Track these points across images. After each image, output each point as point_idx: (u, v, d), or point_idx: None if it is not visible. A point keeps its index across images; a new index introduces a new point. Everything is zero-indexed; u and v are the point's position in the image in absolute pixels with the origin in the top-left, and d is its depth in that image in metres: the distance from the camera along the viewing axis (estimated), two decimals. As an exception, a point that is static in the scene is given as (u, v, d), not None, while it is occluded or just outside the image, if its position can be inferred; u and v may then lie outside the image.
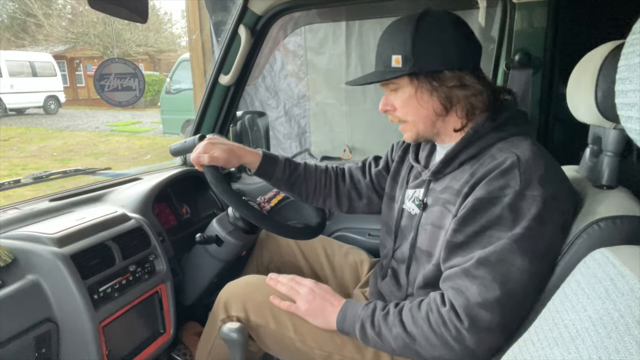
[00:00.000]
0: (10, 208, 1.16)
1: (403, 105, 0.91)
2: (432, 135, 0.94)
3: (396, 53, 0.87)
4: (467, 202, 0.80)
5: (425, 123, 0.91)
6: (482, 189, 0.78)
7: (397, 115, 0.93)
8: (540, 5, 1.47)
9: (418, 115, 0.90)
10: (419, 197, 0.96)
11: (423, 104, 0.89)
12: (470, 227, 0.79)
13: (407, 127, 0.94)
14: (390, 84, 0.91)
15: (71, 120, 11.07)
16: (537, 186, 0.75)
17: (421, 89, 0.88)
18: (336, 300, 0.96)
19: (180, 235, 1.40)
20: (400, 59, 0.87)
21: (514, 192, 0.75)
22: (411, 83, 0.88)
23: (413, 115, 0.91)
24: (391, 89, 0.92)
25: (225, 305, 1.07)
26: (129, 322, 1.06)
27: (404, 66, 0.86)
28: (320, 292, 0.98)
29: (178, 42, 18.32)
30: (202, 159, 1.04)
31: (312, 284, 1.00)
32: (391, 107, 0.93)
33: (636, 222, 0.69)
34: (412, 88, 0.88)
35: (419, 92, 0.88)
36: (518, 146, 0.81)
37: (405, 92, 0.89)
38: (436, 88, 0.86)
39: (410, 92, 0.89)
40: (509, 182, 0.76)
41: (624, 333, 0.43)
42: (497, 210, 0.76)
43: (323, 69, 3.97)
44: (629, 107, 0.43)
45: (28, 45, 14.99)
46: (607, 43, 0.77)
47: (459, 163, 0.88)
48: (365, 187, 1.19)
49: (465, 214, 0.79)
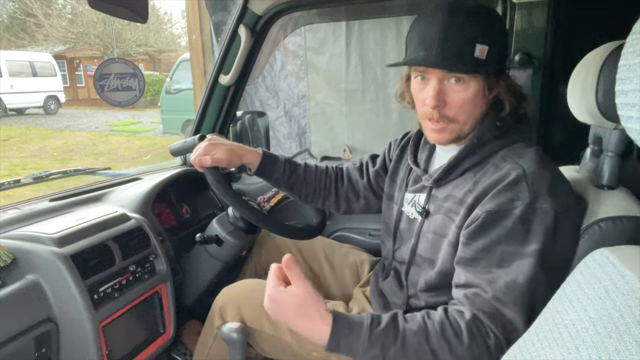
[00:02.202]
0: (10, 208, 1.16)
1: (464, 102, 0.80)
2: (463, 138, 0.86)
3: (483, 42, 0.76)
4: (476, 215, 0.77)
5: (471, 125, 0.83)
6: (490, 202, 0.76)
7: (446, 112, 0.81)
8: (540, 5, 1.46)
9: (472, 116, 0.82)
10: (420, 203, 0.94)
11: (480, 103, 0.82)
12: (480, 241, 0.76)
13: (451, 128, 0.83)
14: (455, 75, 0.79)
15: (71, 120, 11.06)
16: (547, 198, 0.73)
17: (488, 87, 0.81)
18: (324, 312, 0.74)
19: (180, 235, 1.40)
20: (486, 51, 0.76)
21: (524, 205, 0.73)
22: (485, 81, 0.80)
23: (467, 116, 0.82)
24: (453, 81, 0.79)
25: (221, 311, 1.07)
26: (129, 322, 1.06)
27: (487, 59, 0.77)
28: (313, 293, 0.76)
29: (178, 42, 18.34)
30: (204, 160, 1.02)
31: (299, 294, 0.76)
32: (443, 102, 0.81)
33: (636, 222, 0.69)
34: (482, 86, 0.80)
35: (484, 91, 0.80)
36: (522, 156, 0.79)
37: (472, 89, 0.79)
38: (499, 89, 0.81)
39: (478, 90, 0.80)
40: (518, 194, 0.74)
41: (624, 333, 0.43)
42: (509, 223, 0.74)
43: (323, 69, 3.97)
44: (629, 107, 0.43)
45: (28, 45, 14.99)
46: (607, 43, 0.77)
47: (462, 171, 0.86)
48: (363, 187, 1.18)
49: (475, 228, 0.77)
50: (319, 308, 0.74)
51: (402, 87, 0.94)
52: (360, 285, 1.24)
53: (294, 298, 0.74)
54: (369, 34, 3.68)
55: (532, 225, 0.73)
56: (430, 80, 0.81)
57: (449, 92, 0.80)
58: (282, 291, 0.75)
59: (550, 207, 0.73)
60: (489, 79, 0.81)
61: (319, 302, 0.74)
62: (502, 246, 0.74)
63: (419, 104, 0.87)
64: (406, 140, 1.10)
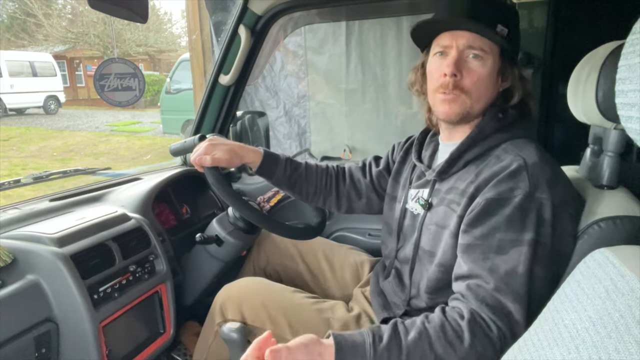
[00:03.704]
0: (10, 208, 1.16)
1: (480, 77, 0.85)
2: (470, 119, 0.90)
3: (504, 24, 0.83)
4: (477, 203, 0.79)
5: (481, 105, 0.88)
6: (491, 190, 0.78)
7: (461, 84, 0.85)
8: (540, 5, 1.47)
9: (484, 95, 0.87)
10: (424, 197, 0.95)
11: (492, 86, 0.87)
12: (479, 229, 0.78)
13: (463, 99, 0.86)
14: (474, 49, 0.84)
15: (71, 120, 11.06)
16: (546, 189, 0.75)
17: (502, 69, 0.86)
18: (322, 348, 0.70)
19: (180, 235, 1.40)
20: (505, 33, 0.83)
21: (523, 193, 0.75)
22: (501, 59, 0.86)
23: (480, 92, 0.86)
24: (472, 55, 0.84)
25: (222, 308, 1.07)
26: (129, 322, 1.06)
27: (506, 40, 0.83)
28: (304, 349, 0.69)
29: (178, 42, 18.33)
30: (204, 160, 1.02)
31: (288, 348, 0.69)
32: (461, 74, 0.85)
33: (636, 222, 0.69)
34: (497, 65, 0.86)
35: (499, 74, 0.87)
36: (523, 149, 0.81)
37: (489, 65, 0.85)
38: (513, 77, 0.87)
39: (494, 68, 0.85)
40: (518, 183, 0.76)
41: (624, 333, 0.43)
42: (507, 211, 0.75)
43: (323, 69, 3.97)
44: (629, 107, 0.43)
45: (28, 45, 14.98)
46: (607, 43, 0.78)
47: (464, 163, 0.87)
48: (365, 187, 1.18)
49: (475, 215, 0.79)
50: (316, 347, 0.69)
51: (414, 75, 0.99)
52: (360, 285, 1.24)
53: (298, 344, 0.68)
54: (369, 34, 3.68)
55: (530, 215, 0.74)
56: (450, 53, 0.86)
57: (467, 65, 0.85)
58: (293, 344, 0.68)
59: (549, 198, 0.74)
60: (504, 62, 0.86)
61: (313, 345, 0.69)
62: (500, 233, 0.76)
63: (434, 80, 0.90)
64: (410, 143, 1.11)
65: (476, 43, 0.83)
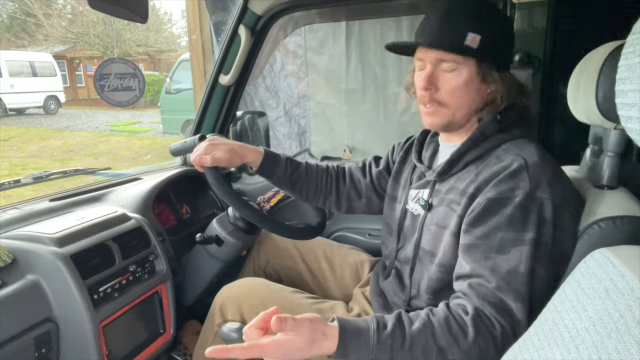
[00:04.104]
0: (10, 208, 1.16)
1: (455, 89, 0.84)
2: (456, 127, 0.90)
3: (476, 31, 0.80)
4: (478, 202, 0.79)
5: (464, 113, 0.87)
6: (491, 190, 0.78)
7: (437, 97, 0.86)
8: (540, 5, 1.47)
9: (464, 104, 0.85)
10: (424, 197, 0.95)
11: (476, 95, 0.85)
12: (480, 228, 0.78)
13: (442, 112, 0.87)
14: (446, 62, 0.83)
15: (71, 120, 11.06)
16: (547, 189, 0.75)
17: (482, 77, 0.83)
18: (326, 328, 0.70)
19: (180, 235, 1.40)
20: (478, 40, 0.80)
21: (524, 193, 0.75)
22: (478, 71, 0.83)
23: (458, 102, 0.85)
24: (445, 67, 0.84)
25: (221, 308, 1.07)
26: (129, 322, 1.06)
27: (480, 49, 0.81)
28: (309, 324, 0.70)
29: (178, 42, 18.33)
30: (205, 160, 1.02)
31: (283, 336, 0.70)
32: (435, 87, 0.85)
33: (636, 222, 0.69)
34: (474, 74, 0.83)
35: (478, 83, 0.84)
36: (524, 149, 0.81)
37: (464, 75, 0.83)
38: (496, 82, 0.84)
39: (470, 77, 0.83)
40: (519, 183, 0.76)
41: (624, 333, 0.43)
42: (508, 210, 0.76)
43: (323, 69, 3.97)
44: (629, 107, 0.43)
45: (28, 45, 14.98)
46: (607, 43, 0.78)
47: (465, 164, 0.87)
48: (365, 187, 1.18)
49: (476, 215, 0.79)
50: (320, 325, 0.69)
51: (410, 78, 0.98)
52: (360, 285, 1.24)
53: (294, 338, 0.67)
54: (369, 34, 3.68)
55: (531, 214, 0.74)
56: (426, 66, 0.86)
57: (441, 77, 0.85)
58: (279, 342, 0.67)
59: (549, 198, 0.74)
60: (482, 69, 0.83)
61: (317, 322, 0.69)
62: (501, 232, 0.76)
63: (417, 90, 0.90)
64: (410, 143, 1.11)
65: (447, 56, 0.83)
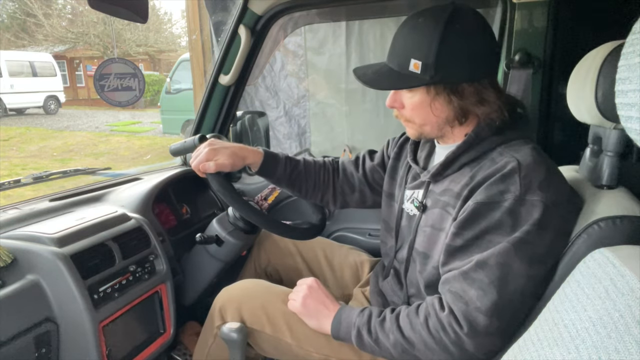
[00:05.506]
0: (10, 208, 1.16)
1: (414, 108, 0.86)
2: (436, 136, 0.92)
3: (416, 58, 0.80)
4: (467, 205, 0.79)
5: (432, 127, 0.88)
6: (481, 194, 0.77)
7: (403, 113, 0.89)
8: (540, 5, 1.47)
9: (427, 120, 0.87)
10: (418, 198, 0.95)
11: (436, 112, 0.85)
12: (469, 232, 0.78)
13: (413, 126, 0.91)
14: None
15: (71, 120, 11.07)
16: (538, 191, 0.74)
17: (437, 99, 0.83)
18: (332, 305, 0.97)
19: (180, 235, 1.40)
20: (420, 65, 0.80)
21: (513, 197, 0.74)
22: (428, 92, 0.83)
23: (422, 120, 0.87)
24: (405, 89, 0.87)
25: (221, 311, 1.07)
26: (129, 322, 1.06)
27: (423, 74, 0.80)
28: (317, 294, 0.98)
29: (178, 42, 18.33)
30: (208, 167, 1.01)
31: (312, 283, 1.01)
32: (399, 105, 0.89)
33: (636, 222, 0.69)
34: (427, 97, 0.83)
35: (433, 102, 0.84)
36: (519, 150, 0.80)
37: (418, 98, 0.85)
38: (454, 101, 0.82)
39: (424, 99, 0.84)
40: (509, 187, 0.75)
41: (624, 333, 0.43)
42: (497, 215, 0.75)
43: (323, 69, 3.97)
44: (629, 107, 0.43)
45: (28, 45, 14.98)
46: (607, 43, 0.77)
47: (459, 166, 0.87)
48: (358, 180, 1.18)
49: (465, 218, 0.78)
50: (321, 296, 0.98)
51: None
52: (360, 285, 1.24)
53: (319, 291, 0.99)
54: (369, 34, 3.68)
55: (520, 217, 0.74)
56: None
57: (403, 97, 0.88)
58: (318, 287, 1.00)
59: (540, 200, 0.74)
60: (436, 91, 0.82)
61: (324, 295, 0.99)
62: (489, 235, 0.76)
63: None
64: (404, 139, 1.10)
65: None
